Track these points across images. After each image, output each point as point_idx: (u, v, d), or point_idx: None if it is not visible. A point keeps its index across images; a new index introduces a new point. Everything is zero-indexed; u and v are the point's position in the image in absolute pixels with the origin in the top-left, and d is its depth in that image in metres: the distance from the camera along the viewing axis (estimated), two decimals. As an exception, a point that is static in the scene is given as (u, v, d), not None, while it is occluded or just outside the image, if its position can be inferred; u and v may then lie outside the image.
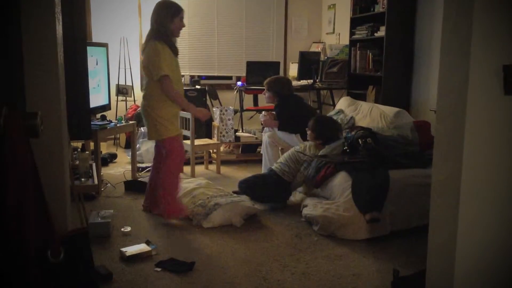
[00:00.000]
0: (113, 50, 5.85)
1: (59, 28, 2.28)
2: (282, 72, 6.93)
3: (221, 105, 6.11)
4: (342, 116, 4.90)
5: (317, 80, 6.11)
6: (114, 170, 5.04)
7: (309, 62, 6.01)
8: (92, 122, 3.87)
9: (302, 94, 6.01)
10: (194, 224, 3.44)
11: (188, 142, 4.91)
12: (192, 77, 6.67)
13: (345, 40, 6.36)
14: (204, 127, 5.94)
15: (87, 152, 3.95)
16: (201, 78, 6.61)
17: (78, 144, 4.61)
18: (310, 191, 3.77)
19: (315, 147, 3.93)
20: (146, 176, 4.59)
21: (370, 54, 5.62)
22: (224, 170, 5.10)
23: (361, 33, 5.77)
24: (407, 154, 3.68)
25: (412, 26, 5.21)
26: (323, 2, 7.22)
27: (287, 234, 3.30)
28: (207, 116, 3.69)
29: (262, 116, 4.74)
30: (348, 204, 3.22)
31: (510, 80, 1.80)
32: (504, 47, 1.82)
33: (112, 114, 5.68)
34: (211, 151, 5.43)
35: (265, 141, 4.58)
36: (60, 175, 2.32)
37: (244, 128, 5.94)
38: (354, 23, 5.92)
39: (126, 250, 2.89)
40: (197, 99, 6.15)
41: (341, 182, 3.41)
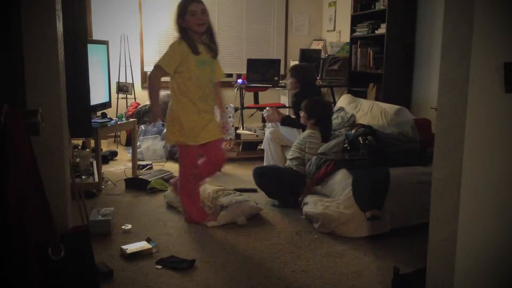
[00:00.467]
0: (113, 48, 5.84)
1: (60, 25, 2.28)
2: (282, 70, 6.93)
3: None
4: (342, 113, 4.89)
5: (317, 77, 6.10)
6: (115, 168, 5.04)
7: (309, 60, 6.00)
8: (92, 120, 3.87)
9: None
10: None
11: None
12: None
13: (345, 37, 6.35)
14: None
15: (88, 149, 3.95)
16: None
17: (78, 141, 4.62)
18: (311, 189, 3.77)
19: (310, 128, 3.98)
20: (147, 173, 4.60)
21: (371, 52, 5.61)
22: (224, 167, 5.09)
23: (361, 30, 5.76)
24: (408, 151, 3.68)
25: (413, 23, 5.20)
26: (324, -1, 7.22)
27: (288, 232, 3.30)
28: (154, 121, 3.68)
29: (265, 111, 4.73)
30: (348, 201, 3.23)
31: (511, 77, 1.80)
32: (505, 45, 1.82)
33: (112, 112, 5.68)
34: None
35: (267, 137, 4.59)
36: (60, 173, 2.31)
37: (244, 125, 5.94)
38: (355, 21, 5.91)
39: (127, 247, 2.90)
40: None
41: (341, 179, 3.41)
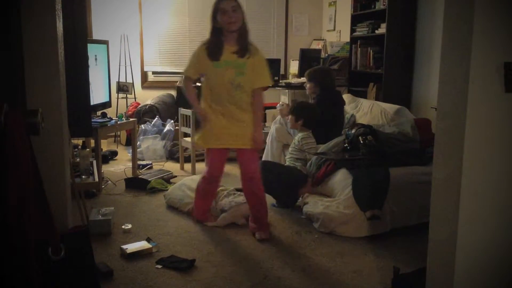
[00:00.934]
0: (113, 48, 5.84)
1: (60, 25, 2.28)
2: (282, 69, 6.93)
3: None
4: (342, 113, 4.89)
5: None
6: (115, 168, 5.04)
7: (309, 60, 6.00)
8: (92, 120, 3.87)
9: (302, 91, 6.01)
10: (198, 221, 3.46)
11: (188, 139, 4.92)
12: (192, 74, 6.66)
13: (345, 37, 6.35)
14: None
15: (88, 149, 3.95)
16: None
17: (78, 141, 4.62)
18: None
19: (301, 131, 3.97)
20: (147, 173, 4.60)
21: (371, 52, 5.61)
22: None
23: (362, 30, 5.76)
24: (408, 151, 3.68)
25: (413, 23, 5.20)
26: (324, -1, 7.22)
27: (288, 231, 3.30)
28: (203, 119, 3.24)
29: (279, 105, 4.68)
30: (348, 201, 3.23)
31: (511, 77, 1.80)
32: (505, 44, 1.81)
33: (112, 112, 5.68)
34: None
35: (272, 133, 4.56)
36: (60, 173, 2.31)
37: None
38: (355, 20, 5.91)
39: (127, 247, 2.90)
40: (198, 96, 6.14)
41: (341, 179, 3.41)
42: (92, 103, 3.75)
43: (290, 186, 3.73)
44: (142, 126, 5.75)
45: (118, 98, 6.24)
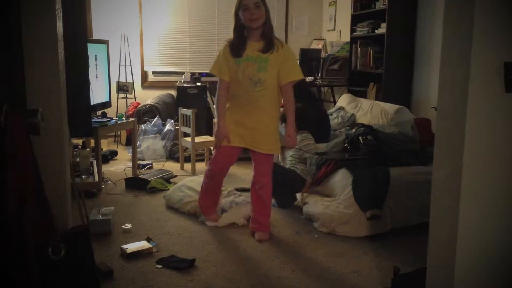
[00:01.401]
0: (113, 47, 5.85)
1: (60, 25, 2.28)
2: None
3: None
4: (342, 113, 4.89)
5: (318, 77, 6.10)
6: (115, 167, 5.04)
7: (310, 59, 6.00)
8: (92, 119, 3.88)
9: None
10: (199, 220, 3.46)
11: (188, 139, 4.92)
12: (193, 74, 6.67)
13: (346, 37, 6.35)
14: (204, 124, 5.95)
15: (88, 149, 3.96)
16: (201, 75, 6.61)
17: (79, 141, 4.62)
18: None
19: (298, 133, 3.91)
20: (147, 173, 4.60)
21: (371, 51, 5.61)
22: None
23: (362, 30, 5.76)
24: (408, 151, 3.68)
25: (413, 23, 5.20)
26: (324, -1, 7.22)
27: (288, 231, 3.30)
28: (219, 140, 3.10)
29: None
30: (348, 201, 3.23)
31: (511, 77, 1.80)
32: (505, 44, 1.81)
33: (112, 111, 5.69)
34: (212, 149, 5.43)
35: None
36: (61, 172, 2.32)
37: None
38: (355, 20, 5.91)
39: (127, 247, 2.90)
40: (198, 96, 6.16)
41: (341, 179, 3.41)
42: (92, 103, 3.76)
43: (288, 187, 3.73)
44: (142, 126, 5.75)
45: (118, 98, 6.24)
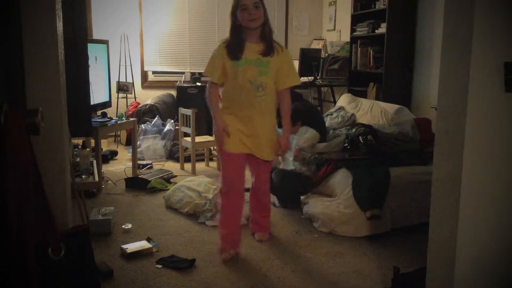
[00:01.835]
0: (113, 47, 5.85)
1: (60, 25, 2.28)
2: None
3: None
4: (343, 113, 4.89)
5: (318, 77, 6.10)
6: (115, 167, 5.04)
7: (310, 59, 6.01)
8: (92, 119, 3.88)
9: (302, 91, 6.01)
10: (198, 221, 3.45)
11: (188, 139, 4.92)
12: (193, 74, 6.67)
13: (346, 37, 6.35)
14: (204, 124, 5.95)
15: (88, 149, 3.95)
16: (201, 75, 6.61)
17: (79, 141, 4.62)
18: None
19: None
20: (147, 173, 4.60)
21: (371, 51, 5.61)
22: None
23: (362, 30, 5.76)
24: (408, 151, 3.68)
25: (413, 23, 5.20)
26: (324, -1, 7.22)
27: (288, 231, 3.30)
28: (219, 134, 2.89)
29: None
30: (348, 201, 3.23)
31: (511, 77, 1.80)
32: (505, 44, 1.81)
33: (112, 111, 5.69)
34: (212, 148, 5.43)
35: None
36: (61, 172, 2.31)
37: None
38: (355, 20, 5.91)
39: (127, 247, 2.90)
40: (198, 96, 6.16)
41: (341, 179, 3.41)
42: (92, 103, 3.76)
43: (297, 192, 3.71)
44: (142, 125, 5.75)
45: (118, 98, 6.24)
